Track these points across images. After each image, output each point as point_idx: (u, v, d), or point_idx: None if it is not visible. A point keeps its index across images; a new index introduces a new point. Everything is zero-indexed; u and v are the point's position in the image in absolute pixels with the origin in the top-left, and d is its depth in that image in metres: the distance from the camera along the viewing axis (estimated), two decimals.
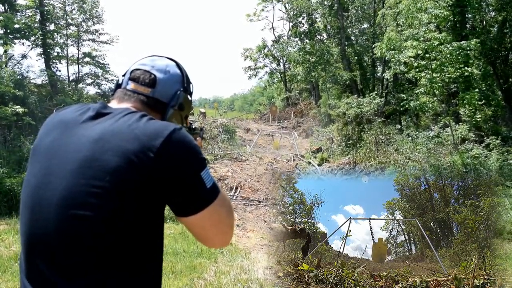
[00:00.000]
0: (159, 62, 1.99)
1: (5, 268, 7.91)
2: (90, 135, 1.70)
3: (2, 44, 24.53)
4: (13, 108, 16.26)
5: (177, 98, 1.96)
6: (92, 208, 1.60)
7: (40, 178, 1.72)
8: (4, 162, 14.96)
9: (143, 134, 1.66)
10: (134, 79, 1.92)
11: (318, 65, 33.81)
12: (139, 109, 1.87)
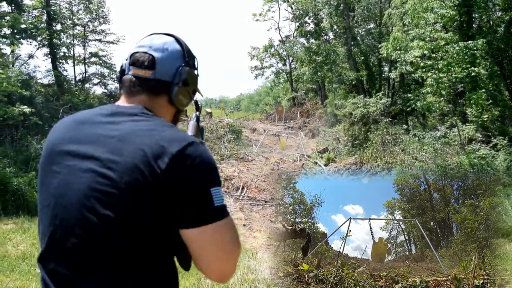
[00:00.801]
0: (157, 41, 1.95)
1: (13, 267, 7.97)
2: (108, 135, 1.73)
3: (9, 44, 24.63)
4: (20, 108, 16.30)
5: (179, 75, 1.93)
6: (108, 208, 1.63)
7: (60, 178, 1.74)
8: (11, 162, 15.08)
9: (162, 140, 1.68)
10: (134, 63, 1.91)
11: (324, 65, 33.75)
12: (148, 103, 1.89)
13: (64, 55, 31.92)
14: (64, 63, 32.23)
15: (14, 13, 24.21)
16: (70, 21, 32.35)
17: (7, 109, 16.24)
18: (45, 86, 28.53)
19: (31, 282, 7.24)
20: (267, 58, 48.63)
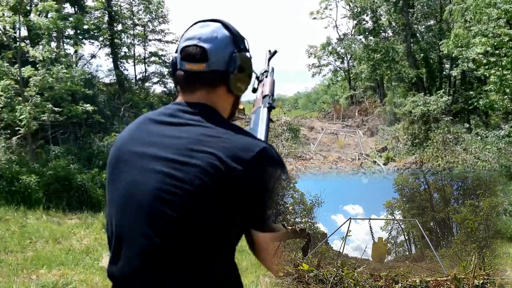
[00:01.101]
0: (205, 30, 1.88)
1: (77, 261, 8.24)
2: (174, 136, 1.75)
3: (72, 45, 25.14)
4: (83, 106, 16.66)
5: (233, 62, 1.87)
6: (175, 209, 1.65)
7: (131, 178, 1.76)
8: (75, 159, 15.54)
9: (234, 146, 1.69)
10: (186, 58, 1.86)
11: (383, 63, 33.38)
12: (207, 98, 1.86)
13: (125, 55, 32.54)
14: (125, 62, 33.00)
15: (77, 14, 24.51)
16: (130, 21, 32.77)
17: (71, 107, 16.67)
18: (106, 85, 28.98)
19: (95, 275, 7.42)
20: (325, 56, 48.24)
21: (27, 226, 10.87)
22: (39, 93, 16.02)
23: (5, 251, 8.84)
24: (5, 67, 15.68)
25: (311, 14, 46.39)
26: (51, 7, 16.43)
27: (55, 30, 19.67)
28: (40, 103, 15.55)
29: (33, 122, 15.21)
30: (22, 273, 7.53)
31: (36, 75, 15.75)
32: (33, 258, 8.40)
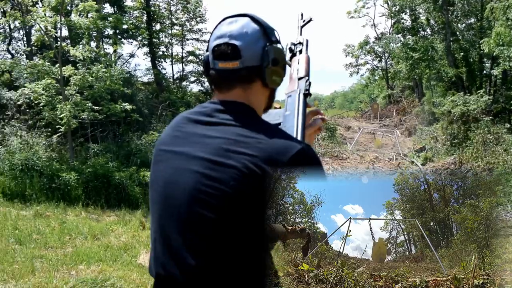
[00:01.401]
0: (234, 27, 1.84)
1: (116, 258, 8.36)
2: (210, 135, 1.73)
3: (111, 44, 25.55)
4: (122, 105, 16.93)
5: (267, 55, 1.82)
6: (212, 210, 1.64)
7: (168, 177, 1.77)
8: (114, 157, 15.84)
9: (270, 148, 1.65)
10: (219, 57, 1.83)
11: (421, 62, 32.76)
12: (244, 95, 1.83)
13: (163, 54, 32.78)
14: (162, 61, 33.17)
15: (117, 14, 24.97)
16: (168, 20, 33.02)
17: (110, 106, 16.91)
18: (145, 84, 29.28)
19: (132, 272, 7.55)
20: (362, 55, 47.83)
21: (67, 222, 11.08)
22: (79, 92, 16.31)
23: (45, 246, 9.02)
24: (47, 67, 15.99)
25: (348, 13, 46.04)
26: (92, 7, 16.68)
27: (95, 30, 20.00)
28: (80, 101, 15.82)
29: (73, 120, 15.48)
30: (62, 269, 7.67)
31: (76, 74, 16.04)
32: (73, 254, 8.56)
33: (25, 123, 18.19)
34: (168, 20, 32.83)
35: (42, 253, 8.55)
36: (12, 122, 17.87)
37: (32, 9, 16.38)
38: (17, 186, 13.39)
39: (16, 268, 7.43)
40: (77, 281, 6.86)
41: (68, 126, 15.49)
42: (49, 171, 13.84)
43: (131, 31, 27.25)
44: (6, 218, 11.00)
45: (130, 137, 18.88)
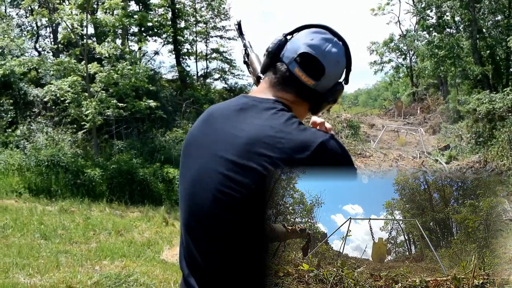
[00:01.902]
0: (333, 49, 1.79)
1: (139, 253, 8.45)
2: (235, 134, 1.69)
3: (137, 41, 25.77)
4: (147, 102, 17.12)
5: (334, 93, 1.82)
6: (231, 212, 1.64)
7: (195, 175, 1.76)
8: (138, 153, 16.01)
9: (289, 146, 1.60)
10: (302, 65, 1.76)
11: (447, 59, 31.97)
12: (290, 102, 1.78)
13: (187, 51, 32.87)
14: (187, 59, 33.16)
15: (142, 11, 25.22)
16: (193, 18, 33.11)
17: (134, 103, 17.08)
18: (169, 81, 29.45)
19: (155, 268, 7.64)
20: (387, 52, 47.22)
21: (91, 218, 11.22)
22: (104, 89, 16.47)
23: (70, 242, 9.15)
24: (73, 64, 16.18)
25: (372, 11, 45.68)
26: (117, 5, 16.82)
27: (120, 28, 20.20)
28: (105, 98, 15.98)
29: (98, 117, 15.66)
30: (86, 264, 7.76)
31: (101, 72, 16.20)
32: (97, 249, 8.66)
33: (51, 120, 18.46)
34: (192, 17, 32.91)
35: (67, 248, 8.67)
36: (38, 119, 18.14)
37: (59, 7, 16.60)
38: (43, 182, 13.59)
39: (41, 262, 7.55)
40: (101, 276, 6.95)
41: (93, 122, 15.67)
42: (74, 167, 14.03)
43: (156, 28, 27.42)
44: (32, 214, 11.18)
45: (154, 134, 19.00)
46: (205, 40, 34.08)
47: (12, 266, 7.23)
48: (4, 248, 8.31)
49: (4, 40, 16.65)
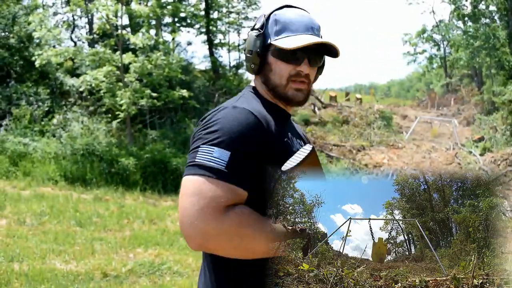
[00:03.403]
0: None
1: (172, 242, 8.58)
2: None
3: (170, 32, 25.98)
4: (180, 92, 17.29)
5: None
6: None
7: None
8: (171, 143, 16.23)
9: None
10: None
11: (482, 50, 31.56)
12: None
13: (219, 42, 32.93)
14: (219, 49, 33.23)
15: (175, 2, 25.42)
16: (225, 9, 33.18)
17: (168, 93, 17.30)
18: (202, 72, 29.61)
19: (188, 257, 7.76)
20: (420, 43, 46.90)
21: (125, 206, 11.41)
22: (139, 79, 16.66)
23: (104, 229, 9.33)
24: (108, 54, 16.39)
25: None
26: None
27: (154, 18, 20.36)
28: (139, 88, 16.16)
29: (132, 107, 15.85)
30: (120, 251, 7.91)
31: (136, 62, 16.37)
32: (131, 237, 8.81)
33: (86, 109, 18.73)
34: (225, 8, 32.89)
35: (102, 235, 8.86)
36: (74, 108, 18.43)
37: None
38: (78, 170, 13.85)
39: (77, 249, 7.73)
40: (135, 264, 7.09)
41: (128, 112, 15.87)
42: (109, 156, 14.26)
43: (189, 19, 27.51)
44: (68, 201, 11.42)
45: (187, 124, 19.09)
46: (237, 31, 34.03)
47: (49, 252, 7.43)
48: (41, 234, 8.53)
49: (41, 30, 16.90)
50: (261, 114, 1.78)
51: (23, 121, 16.91)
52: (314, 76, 1.94)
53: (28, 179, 13.32)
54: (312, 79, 1.92)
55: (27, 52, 19.56)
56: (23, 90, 18.38)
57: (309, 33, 1.85)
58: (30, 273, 6.34)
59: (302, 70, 1.84)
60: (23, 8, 22.15)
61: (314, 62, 1.88)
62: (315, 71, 1.92)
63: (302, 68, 1.83)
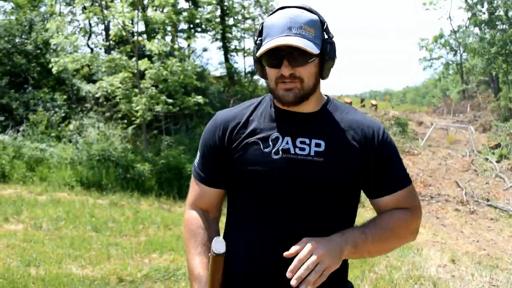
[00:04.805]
0: None
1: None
2: None
3: (186, 38, 26.10)
4: (195, 98, 17.37)
5: None
6: None
7: None
8: (186, 149, 16.28)
9: None
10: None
11: (499, 56, 31.51)
12: None
13: (235, 48, 32.89)
14: (235, 56, 33.13)
15: (191, 8, 25.52)
16: (241, 15, 33.22)
17: (183, 99, 17.34)
18: (217, 78, 29.69)
19: None
20: (437, 49, 46.83)
21: (140, 212, 11.41)
22: (154, 85, 16.71)
23: (120, 234, 9.33)
24: (124, 61, 16.46)
25: (424, 5, 44.82)
26: (167, 2, 17.00)
27: (170, 25, 20.43)
28: (155, 95, 16.20)
29: (148, 113, 15.89)
30: (135, 256, 7.89)
31: (151, 68, 16.43)
32: (146, 242, 8.78)
33: (102, 115, 18.85)
34: (240, 14, 32.92)
35: (117, 240, 8.85)
36: (90, 114, 18.55)
37: (111, 5, 16.89)
38: (94, 175, 13.92)
39: (93, 254, 7.74)
40: (151, 269, 7.06)
41: (143, 118, 15.91)
42: (125, 162, 14.31)
43: (205, 25, 27.56)
44: (84, 206, 11.46)
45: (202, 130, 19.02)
46: (253, 37, 34.05)
47: (65, 257, 7.43)
48: (57, 239, 8.55)
49: (58, 37, 17.00)
50: (229, 118, 2.08)
51: (40, 126, 17.05)
52: (311, 72, 1.91)
53: (45, 184, 13.41)
54: (307, 76, 1.89)
55: (44, 59, 19.74)
56: (40, 96, 18.56)
57: (283, 35, 1.83)
58: (47, 277, 6.35)
59: (283, 72, 1.85)
60: (39, 14, 22.36)
61: (295, 62, 1.85)
62: (308, 68, 1.89)
63: (283, 71, 1.85)
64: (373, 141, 1.98)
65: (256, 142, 1.96)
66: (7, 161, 14.33)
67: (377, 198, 2.02)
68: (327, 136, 1.96)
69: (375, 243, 1.89)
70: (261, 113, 2.04)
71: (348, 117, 2.02)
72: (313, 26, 1.88)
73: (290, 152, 1.92)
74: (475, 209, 12.93)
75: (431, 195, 14.16)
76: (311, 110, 2.00)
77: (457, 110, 36.12)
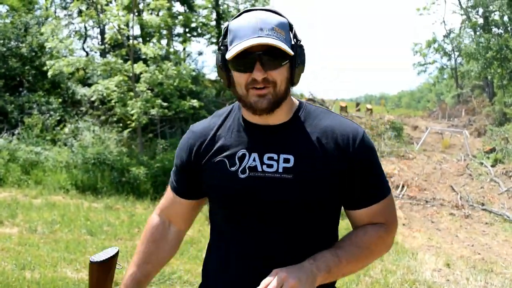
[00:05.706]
0: None
1: (182, 251, 8.42)
2: None
3: (181, 42, 26.08)
4: (190, 102, 17.32)
5: None
6: None
7: None
8: None
9: None
10: None
11: (494, 61, 31.84)
12: None
13: None
14: None
15: (186, 12, 25.50)
16: None
17: (178, 103, 17.27)
18: (212, 82, 29.75)
19: (199, 266, 7.66)
20: (431, 53, 47.23)
21: (135, 215, 11.36)
22: (149, 89, 16.70)
23: (115, 238, 9.30)
24: (119, 64, 16.45)
25: (418, 10, 45.00)
26: (163, 5, 17.03)
27: (165, 28, 20.43)
28: (150, 98, 16.17)
29: (143, 116, 15.89)
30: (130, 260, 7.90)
31: (147, 72, 16.43)
32: None
33: (97, 119, 18.85)
34: None
35: (112, 244, 8.76)
36: (85, 118, 18.55)
37: (106, 8, 16.88)
38: (89, 179, 13.89)
39: (88, 258, 7.70)
40: None
41: (138, 122, 15.90)
42: (120, 166, 14.27)
43: (200, 29, 27.59)
44: (79, 210, 11.43)
45: None
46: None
47: (60, 260, 7.41)
48: (53, 243, 8.53)
49: (54, 40, 16.99)
50: (198, 134, 1.99)
51: (35, 130, 17.04)
52: (284, 77, 1.79)
53: (40, 188, 13.39)
54: (280, 80, 1.77)
55: (39, 62, 19.73)
56: (35, 100, 18.55)
57: (255, 36, 1.71)
58: (42, 281, 6.34)
59: (255, 77, 1.74)
60: (35, 18, 22.36)
61: (268, 65, 1.74)
62: (280, 72, 1.77)
63: (255, 75, 1.74)
64: (347, 149, 1.83)
65: (223, 160, 1.87)
66: (2, 164, 14.31)
67: (351, 210, 1.91)
68: (297, 149, 1.83)
69: (349, 264, 1.79)
70: (229, 127, 1.94)
71: (321, 124, 1.88)
72: (283, 29, 1.77)
73: (257, 170, 1.82)
74: (470, 213, 12.96)
75: (426, 199, 14.17)
76: (281, 120, 1.88)
77: (452, 114, 36.22)
